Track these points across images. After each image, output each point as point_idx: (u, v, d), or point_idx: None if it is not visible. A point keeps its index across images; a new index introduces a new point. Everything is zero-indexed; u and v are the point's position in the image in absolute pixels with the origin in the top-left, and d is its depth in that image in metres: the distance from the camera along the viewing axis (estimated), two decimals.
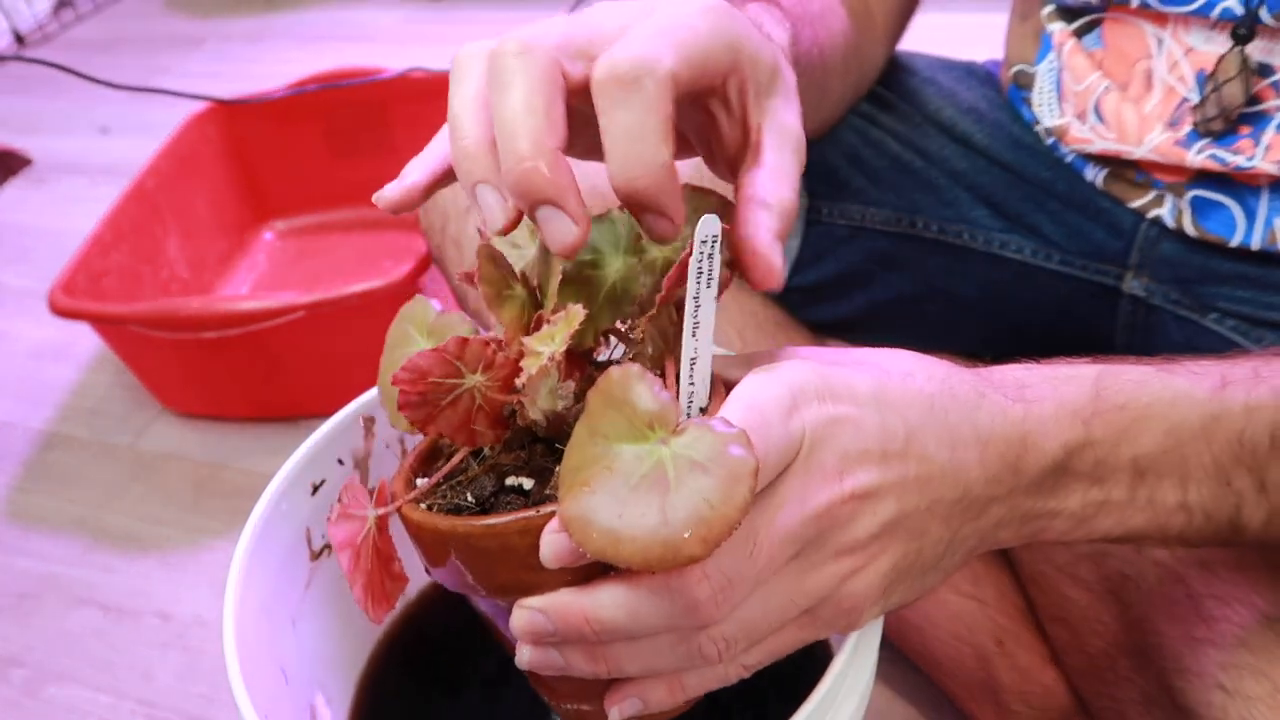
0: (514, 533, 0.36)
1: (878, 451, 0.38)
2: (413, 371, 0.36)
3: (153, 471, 1.10)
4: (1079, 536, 0.44)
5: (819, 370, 0.38)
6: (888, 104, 0.79)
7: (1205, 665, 0.52)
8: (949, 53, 0.87)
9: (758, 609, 0.37)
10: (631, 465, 0.34)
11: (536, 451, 0.40)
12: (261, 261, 1.43)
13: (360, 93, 1.37)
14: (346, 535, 0.39)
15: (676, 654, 0.37)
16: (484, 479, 0.40)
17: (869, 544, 0.38)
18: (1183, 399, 0.43)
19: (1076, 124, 0.70)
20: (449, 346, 0.36)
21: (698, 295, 0.36)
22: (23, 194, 1.70)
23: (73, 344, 1.30)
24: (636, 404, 0.34)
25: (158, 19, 2.37)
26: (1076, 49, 0.70)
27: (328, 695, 0.57)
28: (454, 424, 0.38)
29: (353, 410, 0.57)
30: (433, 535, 0.38)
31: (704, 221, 0.34)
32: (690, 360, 0.37)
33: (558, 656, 0.37)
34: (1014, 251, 0.74)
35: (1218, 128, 0.62)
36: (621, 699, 0.39)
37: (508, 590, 0.38)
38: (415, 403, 0.37)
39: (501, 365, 0.37)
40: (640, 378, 0.35)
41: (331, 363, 1.04)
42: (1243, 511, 0.44)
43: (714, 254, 0.35)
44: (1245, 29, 0.60)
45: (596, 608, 0.35)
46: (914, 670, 0.77)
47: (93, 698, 0.87)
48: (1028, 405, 0.42)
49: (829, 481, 0.37)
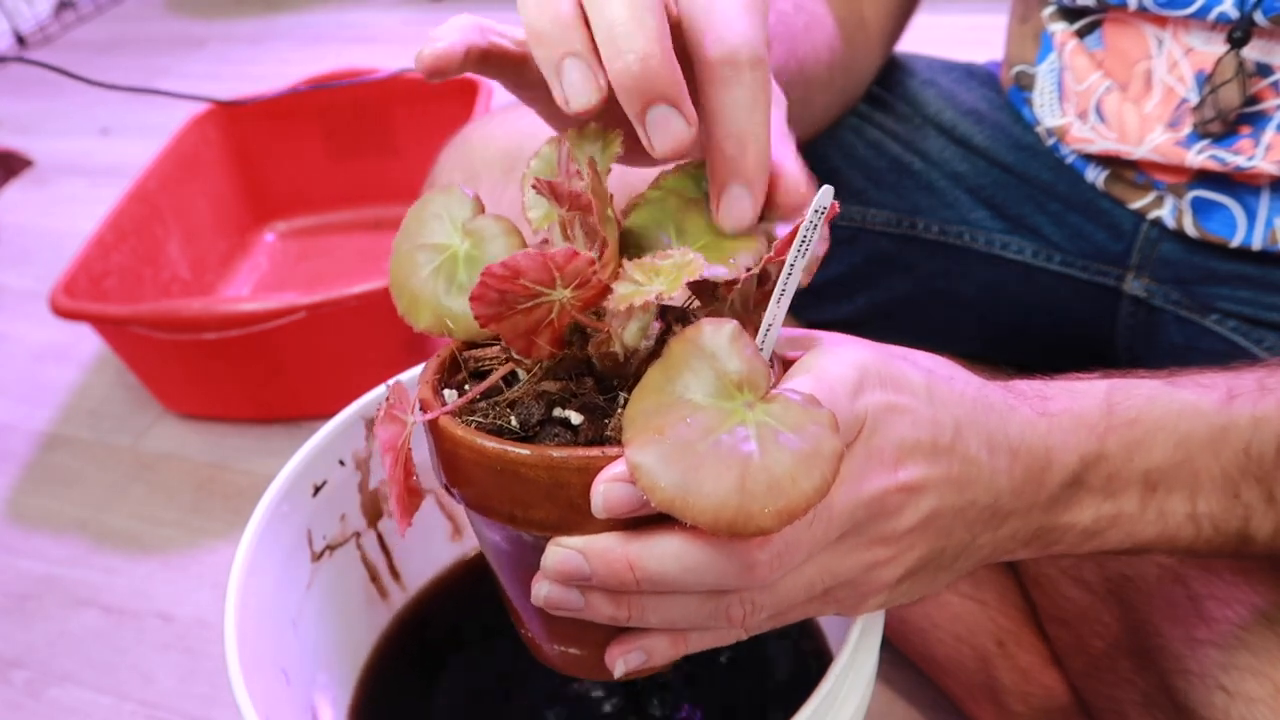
0: (572, 469, 0.35)
1: (929, 444, 0.38)
2: (510, 269, 0.34)
3: (154, 472, 1.10)
4: (1090, 549, 0.45)
5: (879, 356, 0.38)
6: (888, 106, 0.79)
7: (1206, 666, 0.52)
8: (949, 54, 0.87)
9: (791, 581, 0.37)
10: (713, 421, 0.33)
11: (587, 385, 0.38)
12: (262, 262, 1.43)
13: (361, 93, 1.37)
14: (389, 437, 0.37)
15: (704, 611, 0.37)
16: (532, 404, 0.38)
17: (905, 536, 0.39)
18: (1190, 412, 0.44)
19: (1078, 124, 0.70)
20: (556, 255, 0.34)
21: (794, 262, 0.35)
22: (24, 195, 1.70)
23: (74, 345, 1.30)
24: (728, 361, 0.34)
25: (159, 20, 2.38)
26: (1078, 49, 0.70)
27: (329, 696, 0.57)
28: (519, 330, 0.36)
29: (354, 411, 0.57)
30: (472, 454, 0.36)
31: (823, 191, 0.34)
32: (768, 326, 0.36)
33: (578, 598, 0.36)
34: (1015, 253, 0.74)
35: (1216, 130, 0.62)
36: (626, 650, 0.38)
37: (544, 526, 0.36)
38: (492, 298, 0.34)
39: (593, 286, 0.35)
40: (738, 335, 0.34)
41: (333, 364, 1.04)
42: (1251, 523, 0.45)
43: (818, 225, 0.35)
44: (1240, 33, 0.60)
45: (647, 557, 0.34)
46: (915, 671, 0.77)
47: (94, 699, 0.87)
48: (1050, 419, 0.42)
49: (885, 469, 0.37)
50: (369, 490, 0.60)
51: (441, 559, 0.66)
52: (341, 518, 0.59)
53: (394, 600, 0.64)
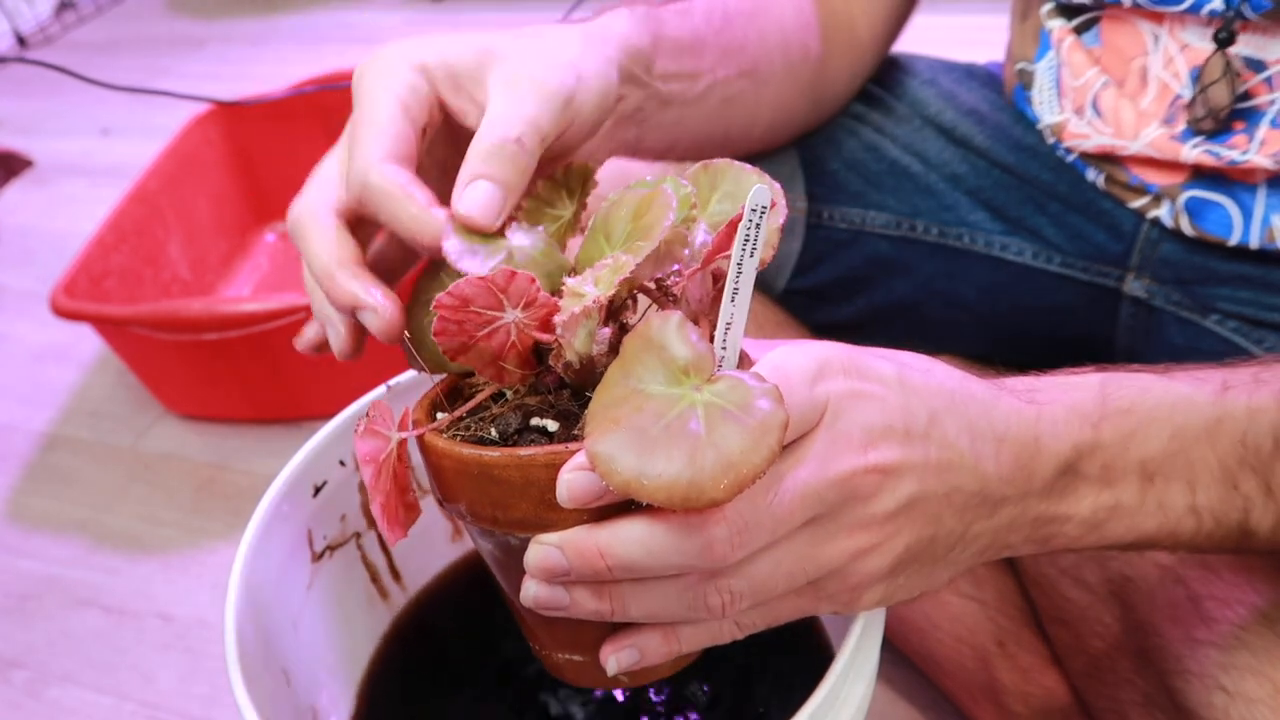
0: (539, 465, 0.37)
1: (901, 430, 0.39)
2: (456, 297, 0.37)
3: (154, 473, 1.11)
4: (1091, 543, 0.45)
5: (845, 349, 0.39)
6: (887, 107, 0.79)
7: (1206, 667, 0.52)
8: (949, 54, 0.87)
9: (767, 567, 0.37)
10: (663, 407, 0.34)
11: (563, 397, 0.41)
12: (263, 263, 1.43)
13: None
14: (370, 450, 0.40)
15: (683, 600, 0.38)
16: (510, 416, 0.40)
17: (885, 522, 0.39)
18: (1185, 403, 0.44)
19: (1075, 119, 0.70)
20: (496, 278, 0.37)
21: (740, 262, 0.36)
22: (24, 195, 1.70)
23: (75, 345, 1.30)
24: (674, 349, 0.36)
25: (159, 21, 2.38)
26: (1075, 45, 0.70)
27: (329, 696, 0.57)
28: (485, 357, 0.39)
29: (354, 412, 0.58)
30: (454, 464, 0.39)
31: (756, 191, 0.35)
32: (725, 325, 0.37)
33: (564, 595, 0.38)
34: (1014, 254, 0.74)
35: (1208, 127, 0.63)
36: (619, 648, 0.40)
37: (523, 525, 0.38)
38: (452, 330, 0.37)
39: (541, 304, 0.38)
40: (681, 325, 0.36)
41: (333, 364, 1.03)
42: (1251, 516, 0.45)
43: (761, 224, 0.36)
44: (1225, 33, 0.61)
45: (613, 542, 0.36)
46: (915, 671, 0.77)
47: (94, 699, 0.87)
48: (1040, 407, 0.43)
49: (853, 450, 0.38)
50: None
51: (442, 560, 0.66)
52: (342, 518, 0.59)
53: (395, 601, 0.64)
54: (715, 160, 0.43)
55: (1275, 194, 0.63)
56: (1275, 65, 0.60)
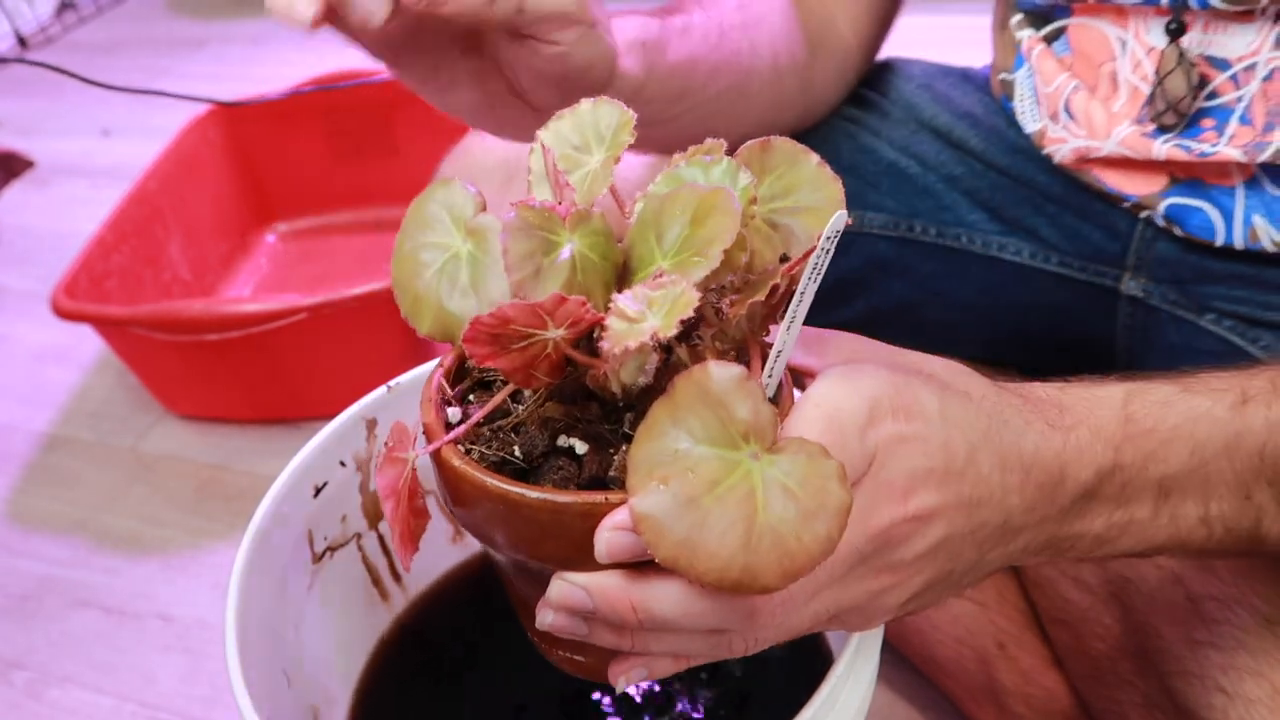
0: (575, 514, 0.35)
1: (941, 470, 0.38)
2: (499, 319, 0.34)
3: (155, 473, 1.11)
4: (1101, 555, 0.45)
5: (894, 382, 0.38)
6: (883, 111, 0.79)
7: (1206, 668, 0.52)
8: (945, 56, 0.87)
9: (797, 616, 0.37)
10: (718, 473, 0.32)
11: (590, 410, 0.38)
12: (263, 264, 1.43)
13: (362, 95, 1.37)
14: (389, 481, 0.38)
15: (708, 644, 0.37)
16: (535, 435, 0.38)
17: (912, 564, 0.39)
18: (1205, 418, 0.44)
19: (1051, 125, 0.71)
20: (546, 304, 0.34)
21: (804, 290, 0.35)
22: (25, 196, 1.70)
23: (75, 346, 1.30)
24: (735, 409, 0.33)
25: (159, 21, 2.37)
26: (1046, 54, 0.70)
27: (329, 697, 0.57)
28: (516, 365, 0.36)
29: (355, 412, 0.58)
30: (475, 490, 0.36)
31: (835, 217, 0.34)
32: (777, 353, 0.36)
33: (584, 627, 0.37)
34: (1012, 254, 0.74)
35: (1170, 121, 0.63)
36: (628, 668, 0.39)
37: (547, 559, 0.36)
38: (484, 339, 0.34)
39: (587, 320, 0.35)
40: (745, 382, 0.33)
41: (333, 365, 1.04)
42: (1263, 524, 0.45)
43: (831, 250, 0.34)
44: (1176, 24, 0.61)
45: (649, 600, 0.34)
46: (915, 671, 0.77)
47: (94, 700, 0.87)
48: (1066, 433, 0.42)
49: (894, 501, 0.37)
50: (370, 491, 0.60)
51: (443, 561, 0.66)
52: (342, 519, 0.59)
53: (395, 602, 0.64)
54: (774, 140, 0.41)
55: (1253, 194, 0.63)
56: (1238, 63, 0.61)
